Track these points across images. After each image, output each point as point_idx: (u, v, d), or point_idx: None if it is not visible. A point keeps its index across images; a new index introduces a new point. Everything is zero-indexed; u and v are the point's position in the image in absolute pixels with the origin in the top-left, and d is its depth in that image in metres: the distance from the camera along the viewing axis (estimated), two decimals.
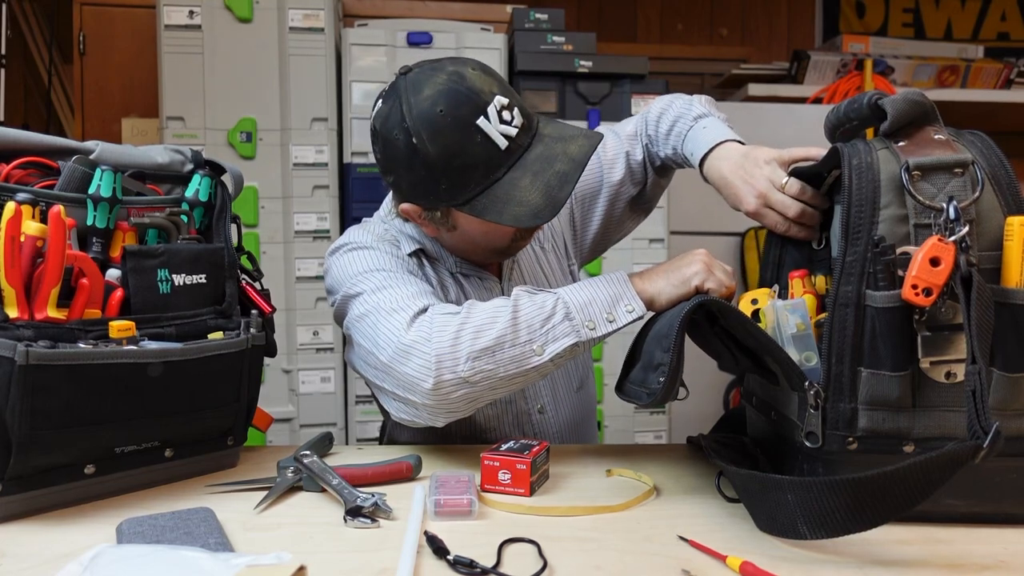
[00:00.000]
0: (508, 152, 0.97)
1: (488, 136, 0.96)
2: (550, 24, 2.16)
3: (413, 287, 1.00)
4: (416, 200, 1.02)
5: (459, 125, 0.95)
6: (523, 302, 0.93)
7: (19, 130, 0.91)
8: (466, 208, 0.98)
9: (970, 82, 2.92)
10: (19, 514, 0.77)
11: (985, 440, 0.65)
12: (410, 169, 0.99)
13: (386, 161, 1.02)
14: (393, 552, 0.69)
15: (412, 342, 0.92)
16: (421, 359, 0.91)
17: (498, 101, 0.97)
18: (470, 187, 0.97)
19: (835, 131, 0.90)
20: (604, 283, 0.95)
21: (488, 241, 1.07)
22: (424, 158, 0.96)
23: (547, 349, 0.91)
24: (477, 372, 0.90)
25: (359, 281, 1.03)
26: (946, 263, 0.72)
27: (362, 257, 1.06)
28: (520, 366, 0.91)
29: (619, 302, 0.94)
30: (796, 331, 0.82)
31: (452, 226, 1.05)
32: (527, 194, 0.96)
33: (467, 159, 0.96)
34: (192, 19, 2.00)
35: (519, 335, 0.91)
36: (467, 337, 0.90)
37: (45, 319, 0.80)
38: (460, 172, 0.96)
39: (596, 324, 0.92)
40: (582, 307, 0.93)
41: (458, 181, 0.97)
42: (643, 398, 0.83)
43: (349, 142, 2.07)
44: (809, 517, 0.69)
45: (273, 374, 2.03)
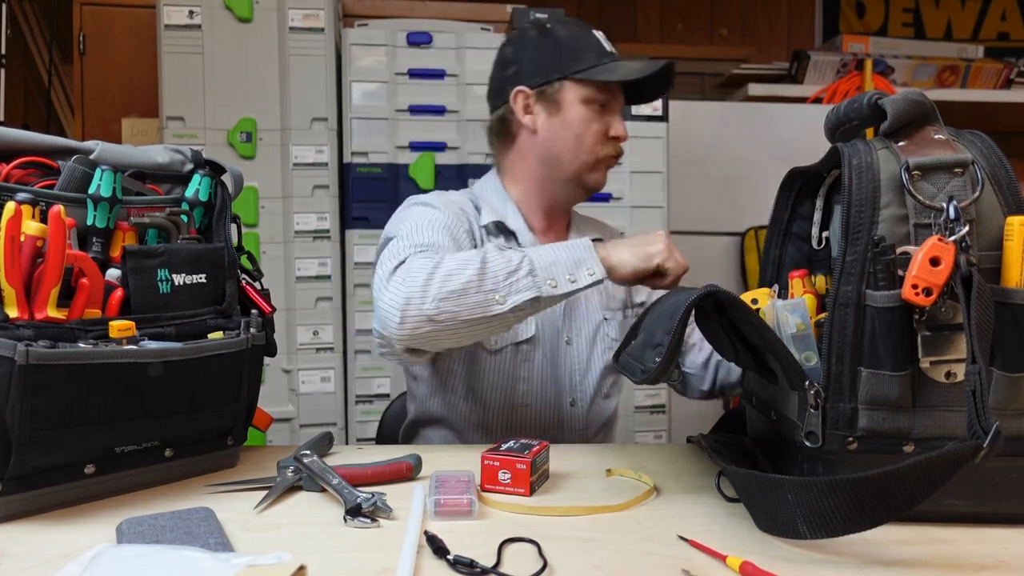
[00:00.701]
0: (611, 55, 1.24)
1: (599, 40, 1.24)
2: None
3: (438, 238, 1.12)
4: (535, 77, 1.23)
5: (580, 26, 1.26)
6: (492, 255, 1.01)
7: (19, 130, 0.91)
8: (580, 75, 1.21)
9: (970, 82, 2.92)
10: (19, 514, 0.77)
11: (985, 440, 0.65)
12: (538, 49, 1.24)
13: (514, 53, 1.27)
14: (393, 552, 0.69)
15: (392, 281, 1.02)
16: (393, 296, 1.01)
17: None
18: (586, 62, 1.21)
19: (835, 131, 0.90)
20: (570, 248, 1.04)
21: (581, 133, 1.22)
22: (554, 37, 1.23)
23: (509, 299, 0.99)
24: (442, 312, 0.99)
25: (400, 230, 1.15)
26: (946, 263, 0.72)
27: (418, 213, 1.19)
28: (483, 312, 0.99)
29: (582, 265, 1.02)
30: (796, 331, 0.82)
31: (556, 107, 1.23)
32: (630, 64, 1.21)
33: (586, 43, 1.23)
34: (192, 19, 1.99)
35: (484, 283, 0.99)
36: (437, 280, 0.99)
37: (45, 319, 0.80)
38: (580, 50, 1.22)
39: (558, 282, 1.01)
40: (547, 266, 1.01)
41: (577, 56, 1.22)
42: (637, 374, 0.84)
43: (349, 142, 2.07)
44: (809, 517, 0.69)
45: (273, 374, 2.03)
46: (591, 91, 1.21)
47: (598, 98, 1.22)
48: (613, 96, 1.24)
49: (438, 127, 2.09)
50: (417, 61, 2.09)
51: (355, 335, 2.08)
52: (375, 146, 2.07)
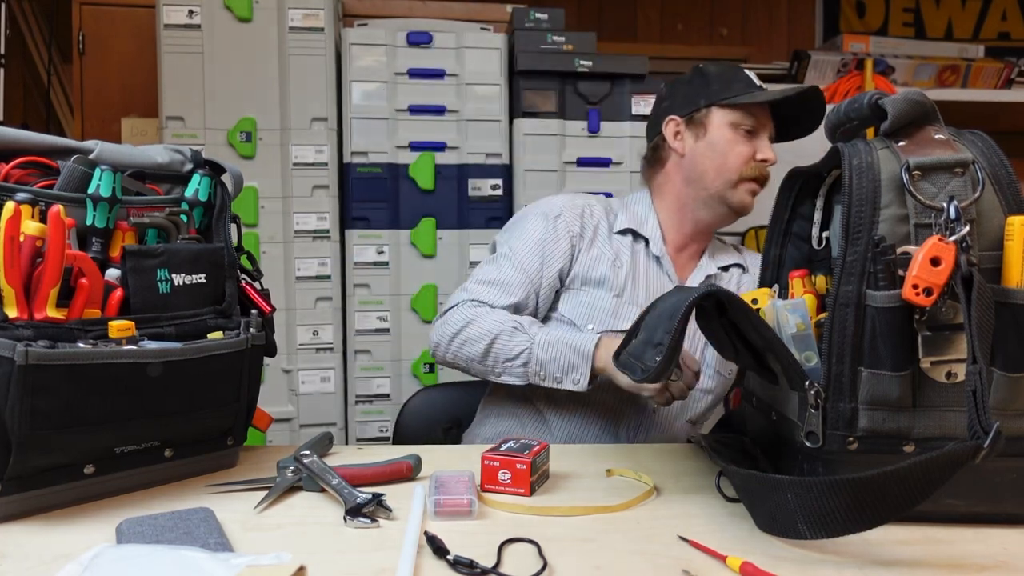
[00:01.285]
0: (760, 89, 1.33)
1: (749, 75, 1.34)
2: (550, 24, 2.15)
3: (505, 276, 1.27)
4: (685, 107, 1.33)
5: (732, 66, 1.37)
6: (502, 340, 1.20)
7: (18, 130, 0.90)
8: (728, 100, 1.30)
9: (970, 82, 2.91)
10: (19, 514, 0.77)
11: (986, 440, 0.65)
12: (689, 84, 1.35)
13: (669, 91, 1.39)
14: (393, 552, 0.69)
15: (438, 321, 1.27)
16: (433, 334, 1.28)
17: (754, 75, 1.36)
18: (733, 91, 1.30)
19: (835, 131, 0.90)
20: (574, 350, 1.17)
21: (725, 154, 1.30)
22: (705, 74, 1.34)
23: (503, 377, 1.22)
24: (456, 363, 1.27)
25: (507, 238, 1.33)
26: (946, 263, 0.72)
27: (532, 228, 1.31)
28: (482, 375, 1.25)
29: (572, 372, 1.17)
30: (796, 331, 0.82)
31: (703, 130, 1.32)
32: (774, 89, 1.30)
33: (734, 77, 1.33)
34: (192, 19, 1.99)
35: (487, 360, 1.21)
36: (457, 342, 1.23)
37: (44, 319, 0.80)
38: (729, 82, 1.32)
39: (546, 378, 1.19)
40: (543, 362, 1.18)
41: (725, 86, 1.31)
42: (637, 373, 0.84)
43: (349, 142, 2.07)
44: (809, 517, 0.69)
45: (273, 374, 2.03)
46: (737, 116, 1.29)
47: (744, 123, 1.29)
48: (760, 123, 1.30)
49: (438, 127, 2.09)
50: (417, 61, 2.09)
51: (355, 335, 2.08)
52: (375, 146, 2.07)
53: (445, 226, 2.09)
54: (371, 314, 2.08)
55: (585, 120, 2.13)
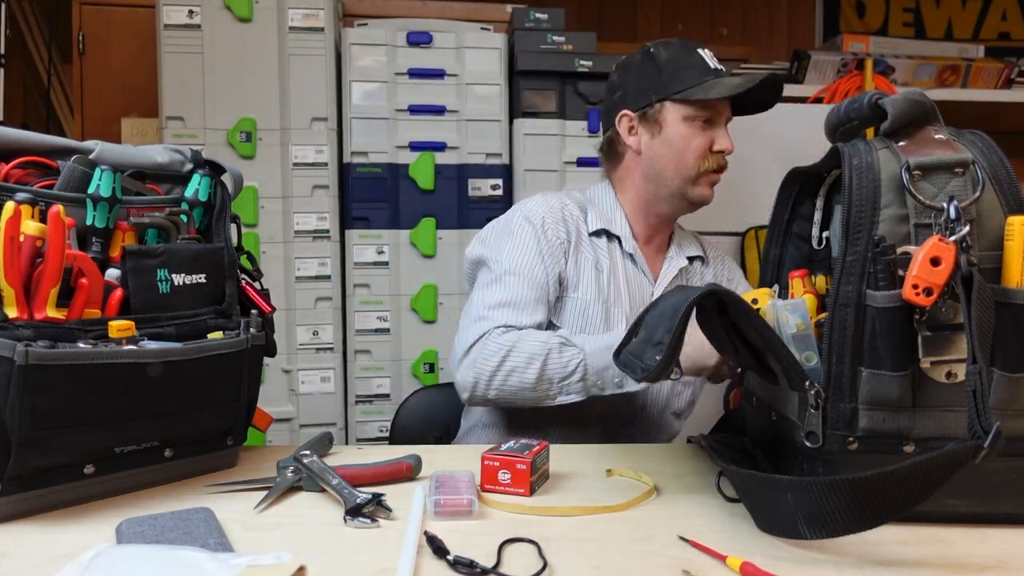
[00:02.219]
0: (715, 72, 1.27)
1: (703, 58, 1.27)
2: (550, 24, 2.15)
3: (515, 293, 1.21)
4: (638, 100, 1.29)
5: (684, 45, 1.29)
6: (553, 358, 1.14)
7: (18, 130, 0.90)
8: (679, 96, 1.25)
9: (970, 82, 2.91)
10: (19, 514, 0.77)
11: (986, 440, 0.65)
12: (640, 74, 1.30)
13: (620, 79, 1.34)
14: (393, 552, 0.69)
15: (467, 359, 1.18)
16: (464, 375, 1.18)
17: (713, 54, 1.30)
18: (685, 82, 1.25)
19: (835, 131, 0.90)
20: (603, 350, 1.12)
21: (683, 150, 1.27)
22: (656, 60, 1.28)
23: (559, 398, 1.15)
24: (500, 399, 1.17)
25: (497, 254, 1.26)
26: (947, 263, 0.72)
27: (519, 237, 1.26)
28: (535, 403, 1.17)
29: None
30: (796, 331, 0.82)
31: (658, 126, 1.28)
32: (727, 82, 1.24)
33: (687, 63, 1.27)
34: (192, 19, 1.99)
35: (540, 385, 1.14)
36: (501, 374, 1.15)
37: (44, 319, 0.80)
38: (680, 69, 1.26)
39: (605, 387, 1.14)
40: (599, 371, 1.13)
41: (677, 76, 1.26)
42: (637, 372, 0.84)
43: (349, 142, 2.07)
44: (809, 517, 0.69)
45: (273, 374, 2.03)
46: (691, 109, 1.26)
47: (699, 115, 1.26)
48: (716, 111, 1.27)
49: (438, 127, 2.09)
50: (417, 61, 2.09)
51: (355, 335, 2.08)
52: (375, 146, 2.07)
53: (445, 226, 2.09)
54: (371, 314, 2.08)
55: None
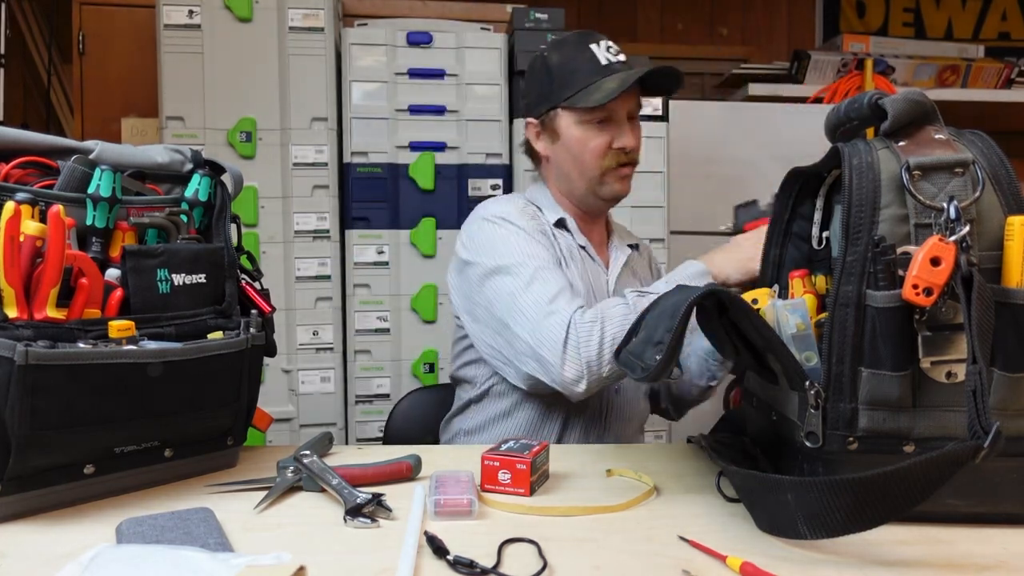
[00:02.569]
0: (607, 68, 1.26)
1: (595, 54, 1.26)
2: (550, 24, 2.15)
3: (558, 282, 1.17)
4: (536, 109, 1.32)
5: (576, 44, 1.28)
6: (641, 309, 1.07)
7: (19, 130, 0.91)
8: (566, 102, 1.26)
9: (970, 82, 2.91)
10: (19, 514, 0.77)
11: (986, 440, 0.65)
12: (537, 80, 1.31)
13: (526, 86, 1.36)
14: (393, 552, 0.69)
15: (568, 351, 1.11)
16: (575, 365, 1.11)
17: (609, 43, 1.29)
18: (574, 87, 1.25)
19: (835, 131, 0.90)
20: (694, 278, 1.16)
21: (581, 152, 1.27)
22: (548, 65, 1.29)
23: None
24: (613, 373, 1.12)
25: (508, 258, 1.21)
26: (947, 263, 0.72)
27: (512, 235, 1.23)
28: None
29: None
30: (796, 331, 0.82)
31: (556, 134, 1.30)
32: (609, 85, 1.23)
33: (576, 65, 1.26)
34: (192, 19, 1.99)
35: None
36: (608, 347, 1.10)
37: (44, 319, 0.80)
38: (569, 74, 1.26)
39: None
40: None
41: (566, 81, 1.26)
42: (637, 371, 0.84)
43: (349, 142, 2.07)
44: (809, 517, 0.69)
45: (273, 374, 2.03)
46: (582, 113, 1.26)
47: (592, 117, 1.26)
48: (613, 108, 1.25)
49: (438, 127, 2.09)
50: (417, 61, 2.09)
51: (355, 335, 2.08)
52: (375, 146, 2.07)
53: (445, 226, 2.09)
54: (371, 314, 2.08)
55: None
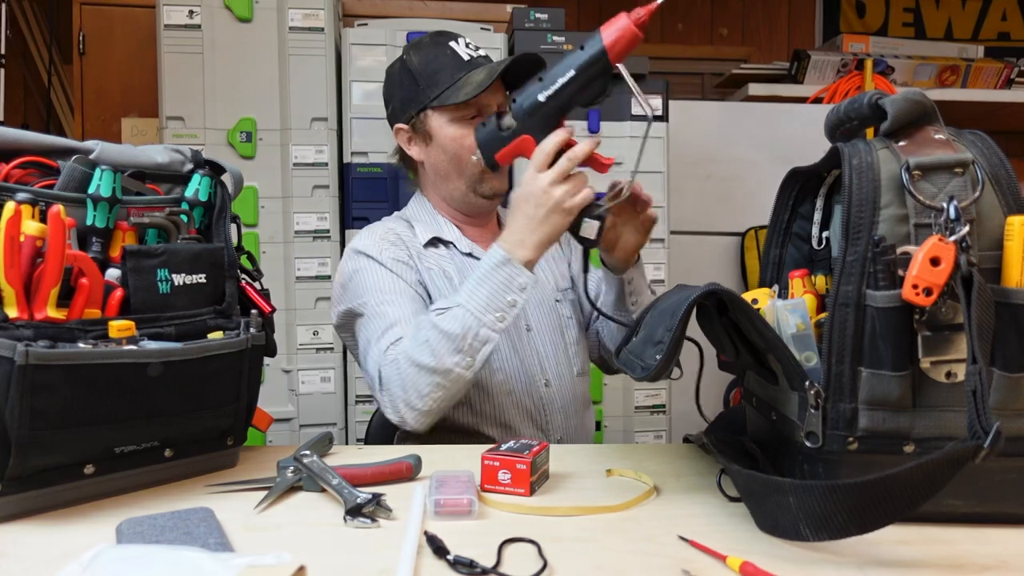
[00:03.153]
0: (469, 63, 1.24)
1: (456, 51, 1.25)
2: (550, 24, 2.15)
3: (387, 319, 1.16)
4: (404, 113, 1.28)
5: (435, 43, 1.26)
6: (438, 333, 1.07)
7: (19, 130, 0.91)
8: (435, 101, 1.23)
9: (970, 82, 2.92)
10: (19, 514, 0.77)
11: (986, 440, 0.65)
12: (400, 85, 1.27)
13: (388, 93, 1.32)
14: (393, 552, 0.69)
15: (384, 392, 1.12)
16: (392, 406, 1.11)
17: (468, 39, 1.28)
18: (440, 86, 1.23)
19: (835, 131, 0.90)
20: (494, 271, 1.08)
21: (457, 152, 1.24)
22: (410, 69, 1.25)
23: (476, 358, 1.08)
24: (436, 403, 1.09)
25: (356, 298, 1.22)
26: (946, 263, 0.72)
27: (365, 271, 1.23)
28: (463, 379, 1.08)
29: (512, 282, 1.08)
30: (796, 331, 0.82)
31: (429, 135, 1.26)
32: (475, 78, 1.21)
33: (439, 64, 1.24)
34: (192, 19, 1.99)
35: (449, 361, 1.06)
36: (416, 383, 1.08)
37: (45, 319, 0.80)
38: (433, 74, 1.24)
39: (504, 313, 1.08)
40: (486, 306, 1.07)
41: (432, 81, 1.24)
42: (638, 371, 0.84)
43: (349, 142, 2.07)
44: (811, 519, 0.69)
45: (273, 374, 2.03)
46: (454, 111, 1.23)
47: (464, 114, 1.23)
48: (482, 103, 1.22)
49: None
50: None
51: None
52: (375, 146, 2.07)
53: None
54: None
55: (585, 120, 2.13)
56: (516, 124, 1.06)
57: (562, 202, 1.05)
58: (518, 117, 1.06)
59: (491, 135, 1.09)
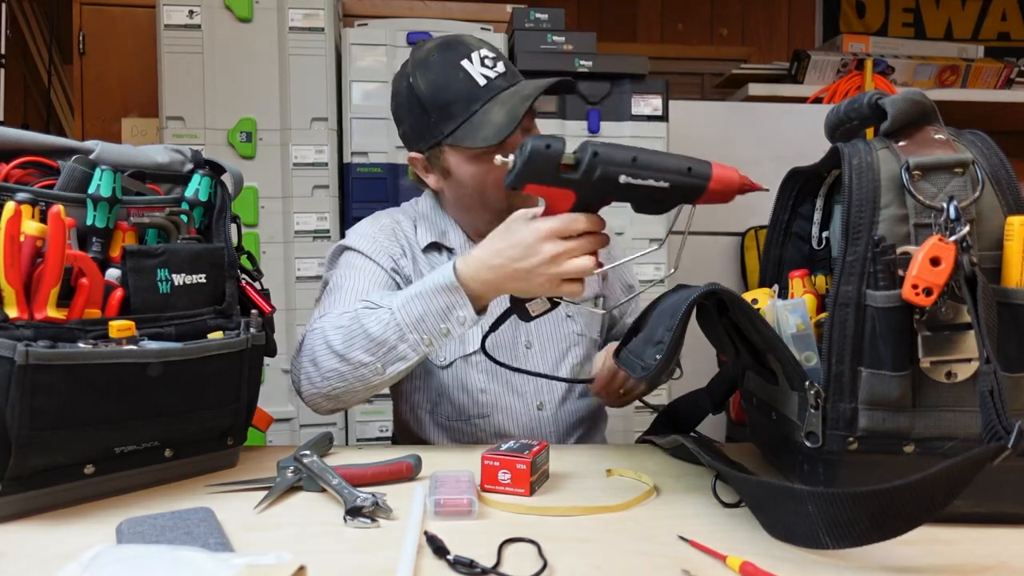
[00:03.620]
0: (486, 89, 1.09)
1: (469, 74, 1.08)
2: (550, 24, 2.15)
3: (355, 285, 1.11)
4: (417, 143, 1.15)
5: (445, 64, 1.09)
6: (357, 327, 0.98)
7: (19, 130, 0.91)
8: (450, 139, 1.09)
9: (970, 82, 2.92)
10: (19, 514, 0.77)
11: (1009, 440, 0.64)
12: (410, 111, 1.13)
13: (396, 113, 1.17)
14: (393, 552, 0.69)
15: (302, 346, 1.05)
16: (297, 366, 1.05)
17: (484, 52, 1.11)
18: (455, 119, 1.08)
19: (835, 131, 0.90)
20: (435, 291, 0.96)
21: (479, 190, 1.13)
22: (419, 97, 1.10)
23: (389, 370, 0.99)
24: (335, 391, 1.02)
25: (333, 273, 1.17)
26: (947, 263, 0.72)
27: (348, 264, 1.16)
28: (370, 385, 1.01)
29: (452, 311, 0.96)
30: (796, 331, 0.82)
31: (446, 171, 1.14)
32: (496, 117, 1.06)
33: (451, 93, 1.08)
34: (192, 19, 1.99)
35: (354, 357, 0.99)
36: (316, 363, 1.01)
37: (45, 319, 0.80)
38: (445, 106, 1.09)
39: (432, 340, 0.97)
40: (414, 324, 0.97)
41: (444, 114, 1.09)
42: (637, 371, 0.83)
43: (349, 142, 2.07)
44: (832, 528, 0.67)
45: (273, 374, 2.03)
46: (473, 150, 1.08)
47: (486, 154, 1.06)
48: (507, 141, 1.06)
49: None
50: None
51: None
52: (375, 146, 2.07)
53: None
54: None
55: (585, 120, 2.13)
56: (575, 179, 0.87)
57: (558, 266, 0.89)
58: (583, 174, 0.86)
59: (543, 166, 0.86)
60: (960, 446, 0.74)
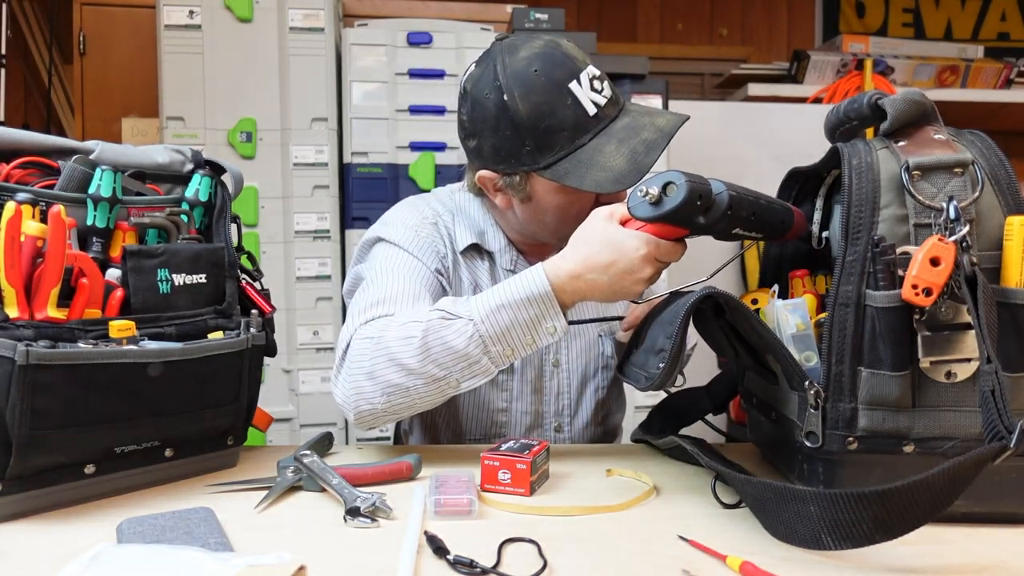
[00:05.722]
0: (596, 119, 0.98)
1: (578, 100, 0.97)
2: (550, 24, 2.16)
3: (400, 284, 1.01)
4: (497, 165, 1.02)
5: (552, 85, 0.97)
6: (433, 338, 0.90)
7: (19, 130, 0.91)
8: (548, 173, 0.98)
9: (970, 82, 2.92)
10: (19, 514, 0.77)
11: (1011, 440, 0.64)
12: (496, 130, 0.99)
13: (472, 124, 1.03)
14: (393, 552, 0.69)
15: (344, 370, 0.95)
16: (344, 389, 0.94)
17: (590, 70, 1.00)
18: (555, 150, 0.98)
19: (835, 131, 0.90)
20: (525, 303, 0.90)
21: (560, 219, 1.03)
22: (513, 117, 0.97)
23: (463, 385, 0.92)
24: (393, 405, 0.93)
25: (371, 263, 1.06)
26: (946, 263, 0.72)
27: (386, 258, 1.06)
28: (437, 398, 0.94)
29: (541, 322, 0.90)
30: (796, 331, 0.82)
31: (527, 196, 1.03)
32: (611, 160, 0.96)
33: (555, 121, 0.97)
34: (192, 19, 2.00)
35: (428, 371, 0.90)
36: (380, 374, 0.91)
37: (45, 319, 0.80)
38: (547, 134, 0.97)
39: (515, 349, 0.91)
40: (501, 336, 0.90)
41: (544, 143, 0.97)
42: (642, 381, 0.83)
43: (349, 142, 2.07)
44: (835, 529, 0.67)
45: (273, 374, 2.03)
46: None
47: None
48: None
49: (438, 127, 2.09)
50: (417, 61, 2.09)
51: None
52: (375, 146, 2.08)
53: None
54: None
55: None
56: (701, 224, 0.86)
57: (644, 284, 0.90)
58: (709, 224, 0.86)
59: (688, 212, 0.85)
60: (960, 446, 0.74)
